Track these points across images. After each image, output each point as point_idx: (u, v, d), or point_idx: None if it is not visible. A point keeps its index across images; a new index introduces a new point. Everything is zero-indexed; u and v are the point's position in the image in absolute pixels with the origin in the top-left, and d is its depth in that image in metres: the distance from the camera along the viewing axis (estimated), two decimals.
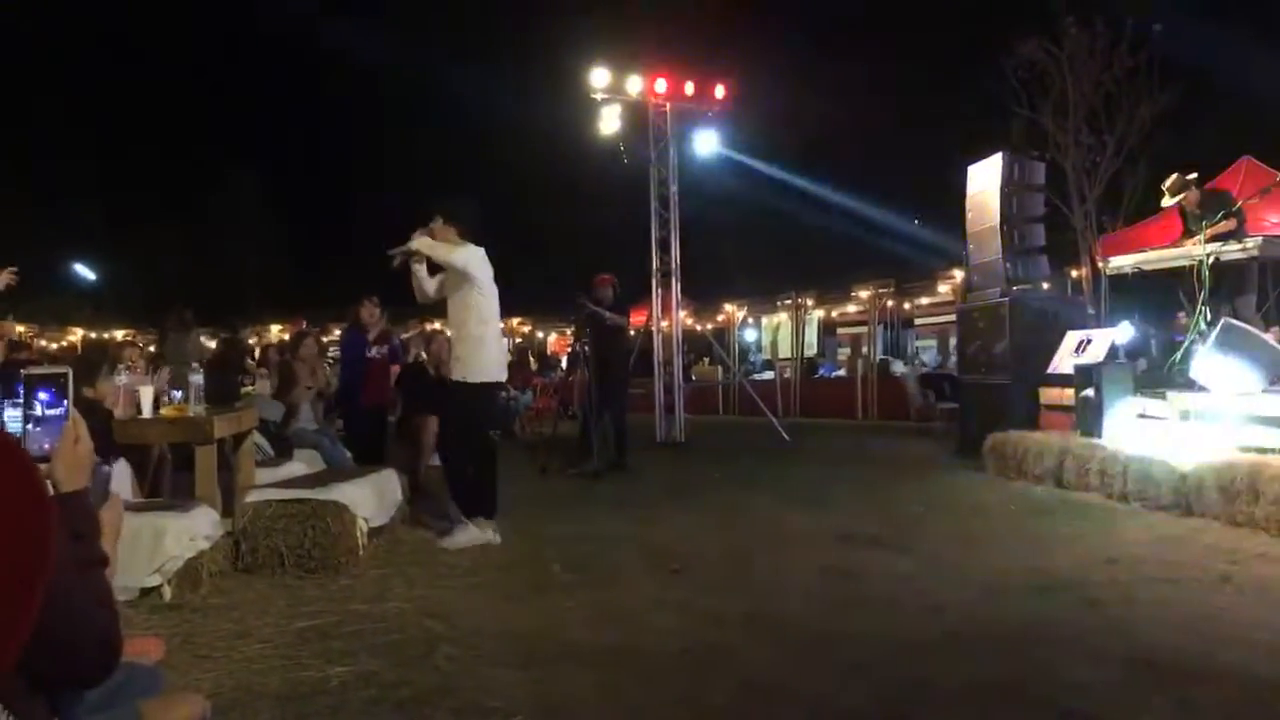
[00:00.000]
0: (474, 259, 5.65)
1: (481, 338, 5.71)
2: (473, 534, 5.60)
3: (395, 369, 8.78)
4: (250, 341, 19.93)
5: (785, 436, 12.18)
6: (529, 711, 2.97)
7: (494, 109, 27.89)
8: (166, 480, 5.84)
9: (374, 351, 8.46)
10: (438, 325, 21.44)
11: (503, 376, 6.07)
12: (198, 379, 5.83)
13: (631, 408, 9.88)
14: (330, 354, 13.00)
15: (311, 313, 20.23)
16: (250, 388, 8.42)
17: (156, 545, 4.27)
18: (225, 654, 3.57)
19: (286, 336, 18.03)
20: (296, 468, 6.42)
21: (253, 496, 5.17)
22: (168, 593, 4.33)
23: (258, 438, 6.37)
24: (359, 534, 5.13)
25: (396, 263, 5.74)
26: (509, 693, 3.12)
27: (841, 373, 19.56)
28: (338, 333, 15.30)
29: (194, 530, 4.49)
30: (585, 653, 3.57)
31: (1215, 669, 3.20)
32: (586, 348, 9.35)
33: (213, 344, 13.88)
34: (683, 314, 13.98)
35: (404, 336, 10.63)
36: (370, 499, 5.47)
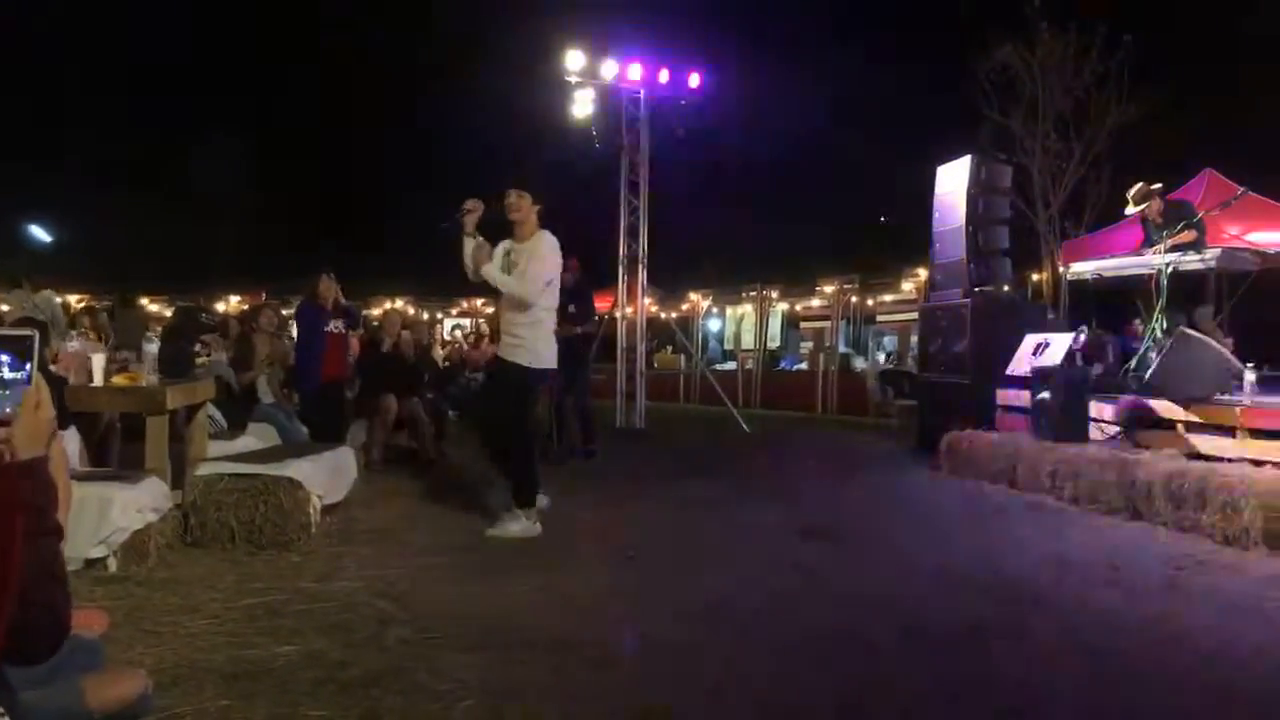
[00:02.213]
0: (552, 257, 5.46)
1: (543, 323, 5.53)
2: (524, 525, 5.40)
3: (355, 341, 8.67)
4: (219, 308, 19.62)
5: (745, 427, 12.23)
6: (479, 695, 2.95)
7: (465, 88, 27.58)
8: (115, 450, 5.73)
9: (331, 325, 8.33)
10: (399, 304, 21.12)
11: (554, 364, 5.78)
12: (152, 348, 5.72)
13: (593, 393, 9.86)
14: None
15: (274, 285, 19.91)
16: (205, 358, 8.28)
17: (103, 516, 4.18)
18: (170, 629, 3.50)
19: (246, 307, 17.75)
20: (250, 442, 6.33)
21: (204, 470, 5.09)
22: (113, 564, 4.25)
23: (212, 410, 6.27)
24: (312, 511, 5.06)
25: (446, 225, 5.44)
26: (459, 676, 3.10)
27: (803, 366, 19.67)
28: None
29: (142, 502, 4.41)
30: (539, 637, 3.54)
31: (1162, 674, 3.25)
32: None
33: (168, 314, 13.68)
34: (648, 301, 13.96)
35: (375, 323, 10.48)
36: (324, 476, 5.41)
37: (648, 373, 13.57)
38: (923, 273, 16.15)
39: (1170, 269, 7.65)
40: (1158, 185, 8.58)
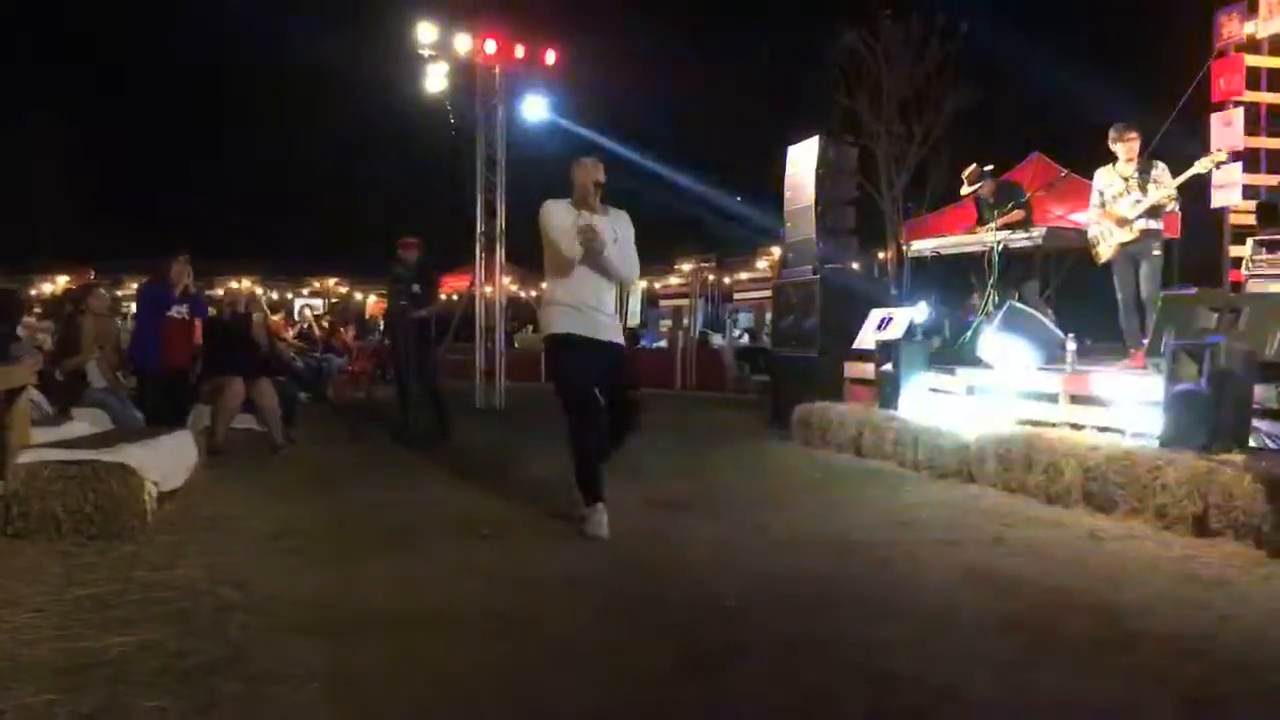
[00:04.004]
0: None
1: None
2: None
3: (199, 324, 8.30)
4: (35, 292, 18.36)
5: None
6: (326, 679, 2.88)
7: (316, 58, 26.53)
8: None
9: (175, 310, 7.97)
10: (246, 284, 20.27)
11: None
12: None
13: (452, 374, 9.70)
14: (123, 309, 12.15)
15: (103, 264, 18.74)
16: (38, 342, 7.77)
17: None
18: None
19: (73, 287, 16.64)
20: (80, 428, 5.96)
21: (27, 457, 4.77)
22: None
23: (35, 395, 5.87)
24: (147, 498, 4.80)
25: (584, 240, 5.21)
26: (305, 660, 3.02)
27: (662, 344, 19.91)
28: (134, 287, 14.29)
29: None
30: (389, 620, 3.49)
31: (994, 622, 3.47)
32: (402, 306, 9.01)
33: None
34: (507, 280, 13.85)
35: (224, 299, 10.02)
36: (161, 461, 5.15)
37: (508, 353, 13.46)
38: (776, 251, 16.58)
39: (1001, 246, 8.10)
40: (990, 167, 9.04)
